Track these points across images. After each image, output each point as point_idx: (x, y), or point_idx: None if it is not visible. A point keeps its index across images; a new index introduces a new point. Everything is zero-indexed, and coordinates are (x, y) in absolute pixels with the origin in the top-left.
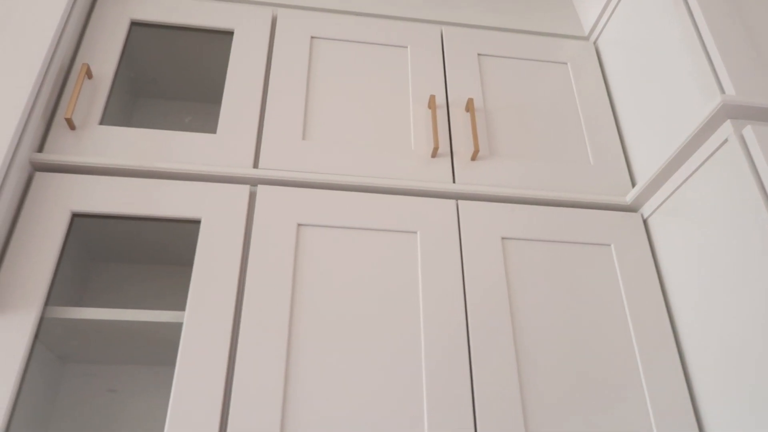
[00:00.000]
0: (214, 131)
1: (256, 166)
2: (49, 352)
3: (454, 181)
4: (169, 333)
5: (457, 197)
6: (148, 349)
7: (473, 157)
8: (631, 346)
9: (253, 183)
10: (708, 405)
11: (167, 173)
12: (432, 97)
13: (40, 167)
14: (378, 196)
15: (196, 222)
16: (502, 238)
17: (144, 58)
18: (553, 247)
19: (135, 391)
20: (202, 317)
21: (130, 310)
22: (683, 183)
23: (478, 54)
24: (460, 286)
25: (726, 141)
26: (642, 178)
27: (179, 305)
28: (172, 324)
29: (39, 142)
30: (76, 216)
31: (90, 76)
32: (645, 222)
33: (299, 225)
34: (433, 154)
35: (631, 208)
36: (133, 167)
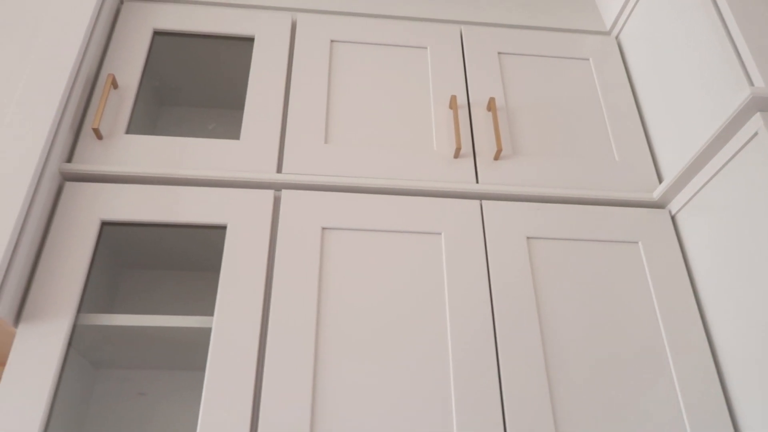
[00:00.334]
0: (237, 137)
1: (279, 170)
2: (83, 358)
3: (477, 181)
4: (196, 338)
5: (480, 197)
6: (175, 353)
7: (496, 157)
8: (662, 346)
9: (277, 188)
10: (743, 403)
11: (193, 180)
12: (453, 98)
13: (69, 177)
14: (401, 198)
15: (222, 228)
16: (528, 238)
17: (167, 66)
18: (579, 246)
19: (164, 395)
20: (230, 322)
21: (160, 316)
22: (712, 178)
23: (499, 52)
24: (485, 286)
25: (756, 134)
26: (669, 173)
27: (206, 310)
28: (200, 329)
29: (68, 153)
30: (105, 224)
31: (115, 86)
32: (673, 218)
33: (323, 228)
34: (456, 155)
35: (658, 205)
36: (160, 175)
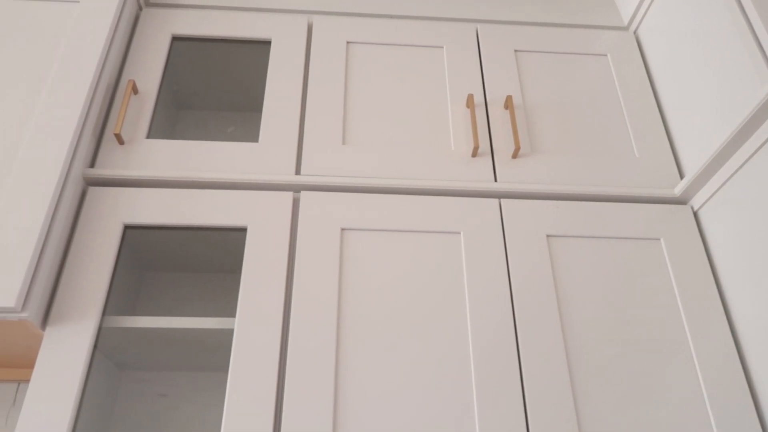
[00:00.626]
0: (256, 140)
1: (298, 172)
2: (107, 360)
3: (495, 180)
4: (217, 339)
5: (499, 196)
6: (196, 355)
7: (514, 155)
8: (686, 343)
9: (296, 189)
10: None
11: (213, 183)
12: (470, 96)
13: (92, 182)
14: (420, 197)
15: (243, 230)
16: (548, 236)
17: (186, 71)
18: (600, 244)
19: (185, 396)
20: (252, 323)
21: (183, 318)
22: (735, 172)
23: (515, 50)
24: (506, 285)
25: None
26: (691, 169)
27: (226, 312)
28: (221, 330)
29: (90, 158)
30: (127, 228)
31: (136, 92)
32: (695, 214)
33: (343, 229)
34: (474, 154)
35: (680, 201)
36: (180, 178)
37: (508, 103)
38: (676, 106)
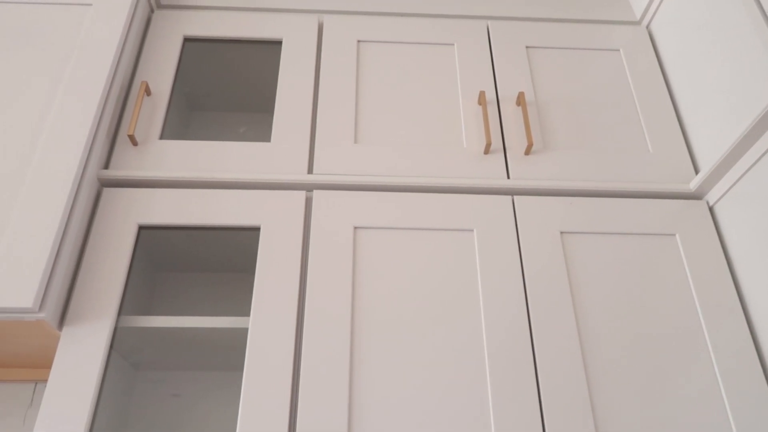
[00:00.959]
0: (268, 140)
1: (310, 171)
2: (123, 360)
3: (508, 177)
4: (231, 339)
5: (512, 193)
6: (210, 354)
7: (527, 152)
8: (702, 339)
9: (308, 188)
10: None
11: (226, 183)
12: (482, 93)
13: (107, 183)
14: (432, 195)
15: (256, 229)
16: (561, 233)
17: (197, 72)
18: (614, 240)
19: (199, 396)
20: (266, 322)
21: (198, 317)
22: (752, 167)
23: (526, 46)
24: (520, 283)
25: None
26: (706, 163)
27: (240, 312)
28: (235, 330)
29: (105, 159)
30: (142, 228)
31: (149, 93)
32: (711, 209)
33: (356, 228)
34: (486, 151)
35: (695, 196)
36: (193, 179)
37: (520, 100)
38: (690, 101)
